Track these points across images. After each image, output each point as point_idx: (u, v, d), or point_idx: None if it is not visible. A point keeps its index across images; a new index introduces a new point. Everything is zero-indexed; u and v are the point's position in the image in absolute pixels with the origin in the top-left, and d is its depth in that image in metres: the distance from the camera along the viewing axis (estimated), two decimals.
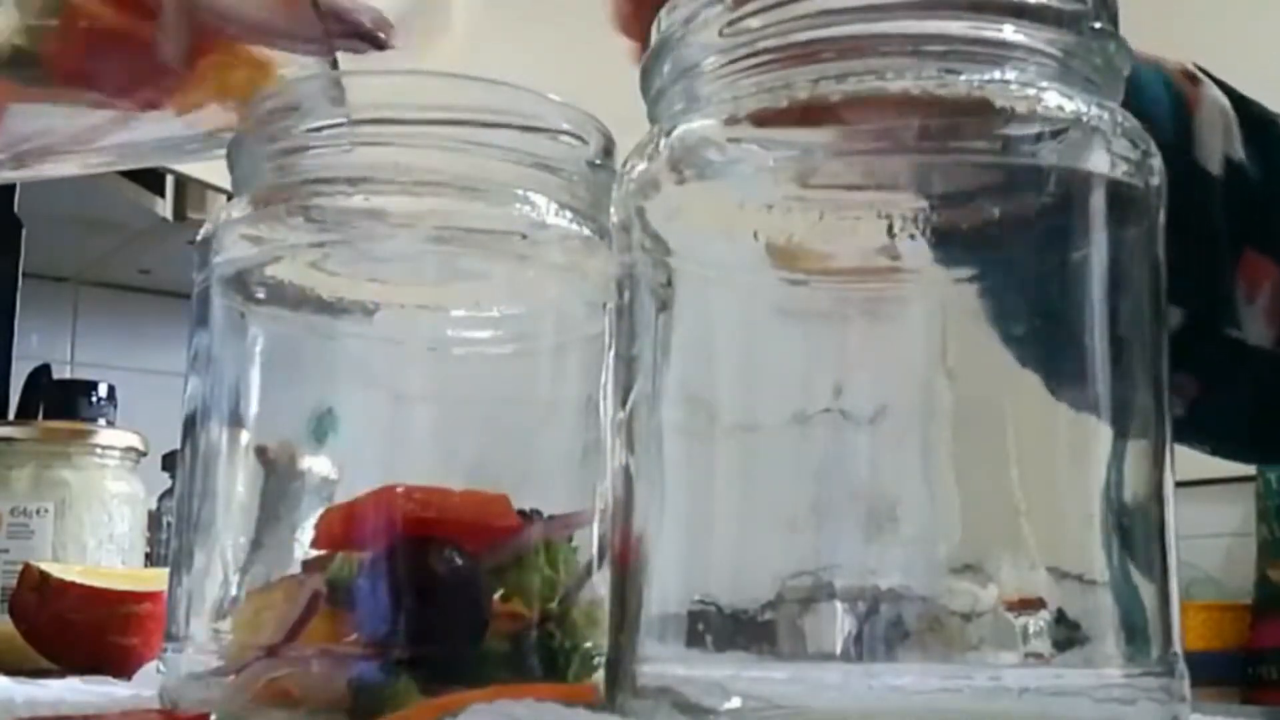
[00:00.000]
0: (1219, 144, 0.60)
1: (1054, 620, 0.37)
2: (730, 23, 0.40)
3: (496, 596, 0.46)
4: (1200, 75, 0.62)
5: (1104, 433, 0.39)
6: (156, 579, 0.76)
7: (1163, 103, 0.59)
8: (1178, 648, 0.38)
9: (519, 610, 0.46)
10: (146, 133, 0.57)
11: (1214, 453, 0.68)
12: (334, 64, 0.53)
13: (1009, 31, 0.39)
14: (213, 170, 0.58)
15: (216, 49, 0.52)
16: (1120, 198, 0.39)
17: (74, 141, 0.57)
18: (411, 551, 0.45)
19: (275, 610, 0.45)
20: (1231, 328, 0.61)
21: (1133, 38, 0.41)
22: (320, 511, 0.47)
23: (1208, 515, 1.93)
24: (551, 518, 0.48)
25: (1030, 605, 0.37)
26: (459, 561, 0.45)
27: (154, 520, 1.16)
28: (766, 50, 0.40)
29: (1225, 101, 0.61)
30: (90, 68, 0.52)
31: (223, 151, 0.52)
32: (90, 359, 1.92)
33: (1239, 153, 0.61)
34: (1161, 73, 0.60)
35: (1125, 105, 0.40)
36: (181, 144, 0.58)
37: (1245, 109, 0.62)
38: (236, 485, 0.49)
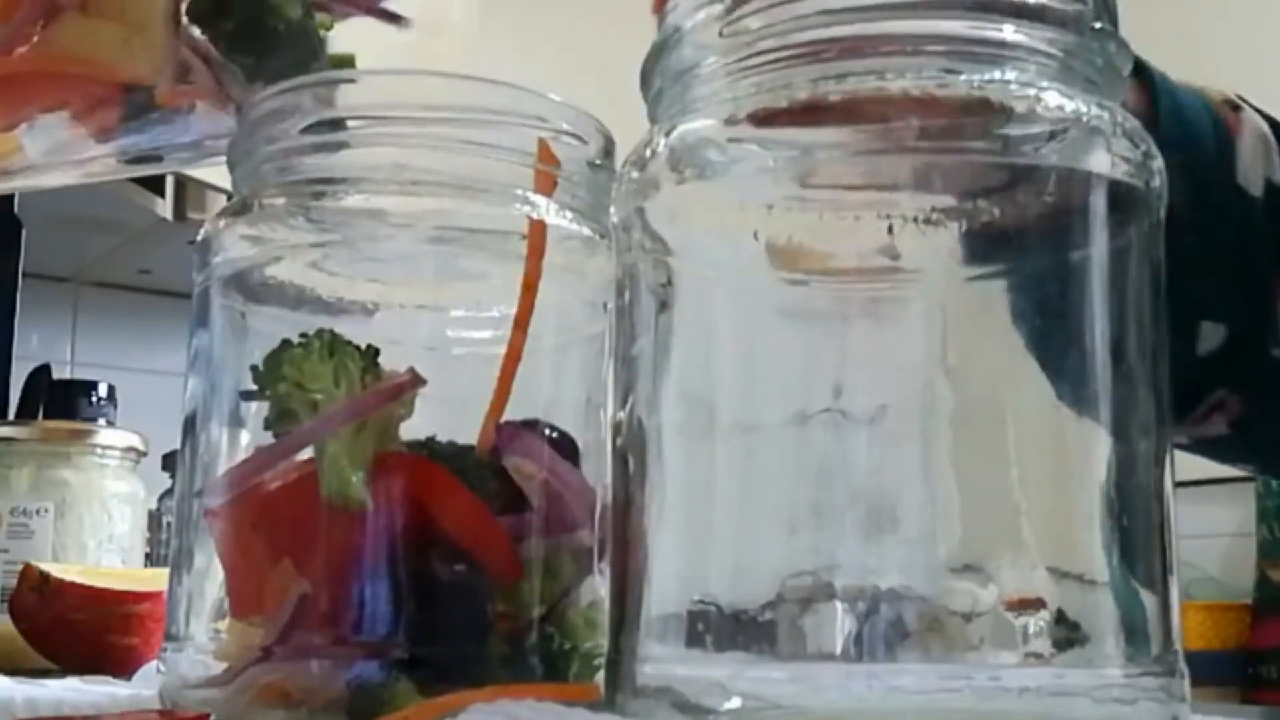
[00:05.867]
0: (1260, 167, 0.62)
1: (1054, 620, 0.37)
2: (730, 23, 0.40)
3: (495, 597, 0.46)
4: (1240, 103, 0.64)
5: (1104, 433, 0.39)
6: (156, 579, 0.76)
7: (1206, 128, 0.61)
8: (1178, 647, 0.38)
9: (519, 610, 0.46)
10: (140, 140, 0.57)
11: (1261, 472, 0.69)
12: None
13: (1009, 31, 0.39)
14: (213, 170, 0.58)
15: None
16: (1120, 198, 0.39)
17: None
18: (413, 552, 0.45)
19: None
20: (1275, 347, 0.62)
21: (1132, 37, 0.41)
22: None
23: (1208, 515, 1.93)
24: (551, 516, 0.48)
25: (1030, 605, 0.37)
26: (460, 563, 0.45)
27: (154, 520, 1.16)
28: (766, 50, 0.40)
29: (1265, 127, 0.63)
30: None
31: (219, 160, 0.53)
32: (90, 359, 1.91)
33: (1279, 176, 0.62)
34: (1203, 99, 0.62)
35: (1170, 131, 0.39)
36: (174, 151, 0.58)
37: None
38: None
